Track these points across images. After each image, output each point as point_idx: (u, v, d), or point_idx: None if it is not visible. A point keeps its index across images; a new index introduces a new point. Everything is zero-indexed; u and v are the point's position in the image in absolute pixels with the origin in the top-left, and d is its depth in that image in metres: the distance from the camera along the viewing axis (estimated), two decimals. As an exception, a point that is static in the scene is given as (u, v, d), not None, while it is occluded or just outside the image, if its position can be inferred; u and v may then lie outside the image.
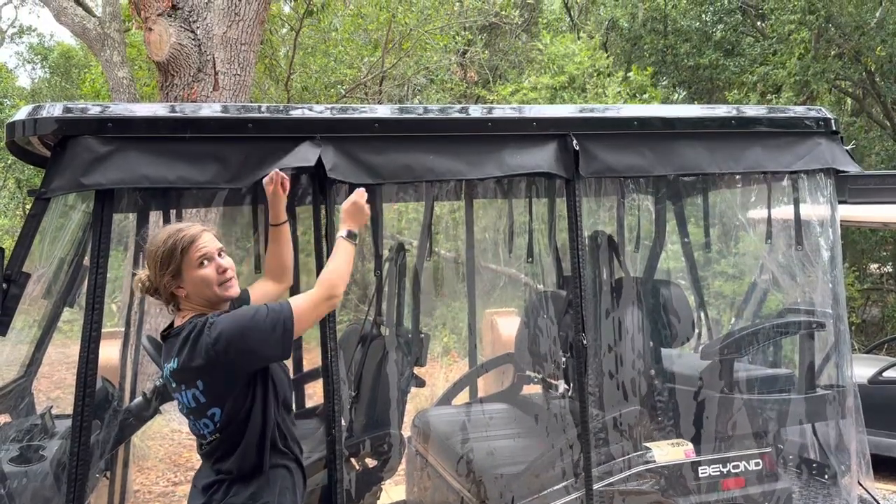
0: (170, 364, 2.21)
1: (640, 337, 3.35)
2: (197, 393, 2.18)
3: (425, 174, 2.81)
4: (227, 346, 2.11)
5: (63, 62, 22.01)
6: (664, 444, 3.20)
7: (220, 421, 2.20)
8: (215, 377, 2.17)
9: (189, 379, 2.18)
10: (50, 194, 2.50)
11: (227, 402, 2.19)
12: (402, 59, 12.06)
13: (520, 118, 2.95)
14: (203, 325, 2.15)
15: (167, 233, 2.27)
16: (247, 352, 2.14)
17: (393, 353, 3.31)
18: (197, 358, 2.13)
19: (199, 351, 2.12)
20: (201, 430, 2.25)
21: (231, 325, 2.14)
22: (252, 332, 2.14)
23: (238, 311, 2.22)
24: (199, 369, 2.14)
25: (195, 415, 2.23)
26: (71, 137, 2.51)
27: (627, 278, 3.55)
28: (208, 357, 2.12)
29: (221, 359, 2.12)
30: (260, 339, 2.15)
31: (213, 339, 2.11)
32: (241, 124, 2.66)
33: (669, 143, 3.10)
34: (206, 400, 2.18)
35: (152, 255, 2.25)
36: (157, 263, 2.23)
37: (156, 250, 2.24)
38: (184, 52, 7.29)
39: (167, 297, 2.28)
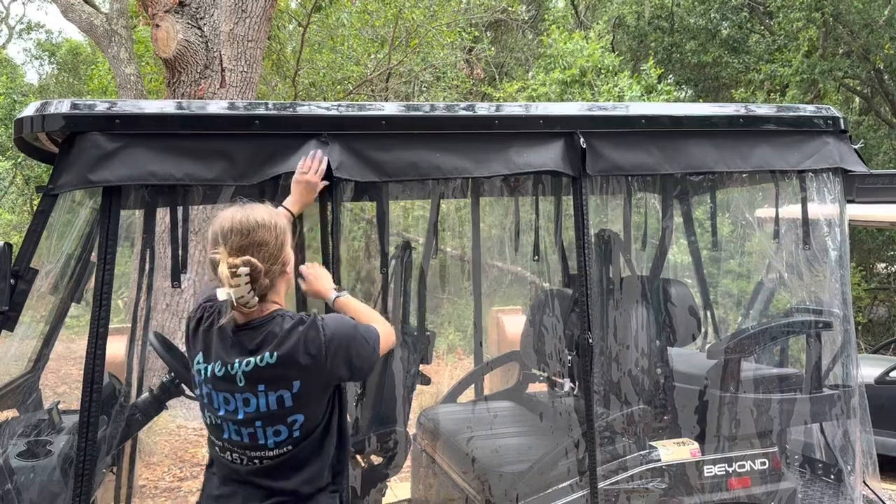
0: (250, 359, 1.99)
1: (646, 335, 3.34)
2: (287, 395, 1.98)
3: (432, 172, 2.81)
4: (338, 350, 2.02)
5: (71, 58, 22.10)
6: (670, 444, 3.20)
7: (299, 429, 2.01)
8: (314, 380, 2.01)
9: (285, 377, 1.99)
10: (58, 190, 2.50)
11: (313, 412, 2.04)
12: (408, 55, 12.05)
13: (527, 116, 2.95)
14: (313, 322, 2.02)
15: (264, 208, 2.10)
16: (348, 362, 2.05)
17: (399, 350, 3.32)
18: (305, 355, 1.98)
19: (310, 347, 1.98)
20: (265, 441, 2.01)
21: (341, 329, 2.05)
22: (357, 344, 2.07)
23: (340, 318, 2.11)
24: (303, 368, 1.98)
25: (267, 420, 1.99)
26: (79, 134, 2.52)
27: (634, 277, 3.54)
28: (319, 356, 1.99)
29: (328, 362, 2.01)
30: (361, 353, 2.08)
31: (328, 338, 2.00)
32: (249, 121, 2.67)
33: (677, 142, 3.09)
34: (292, 404, 1.99)
35: (281, 228, 2.06)
36: (280, 234, 2.05)
37: (270, 223, 2.04)
38: (191, 48, 7.32)
39: (274, 277, 2.06)
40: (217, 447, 2.11)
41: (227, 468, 2.09)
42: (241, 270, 1.94)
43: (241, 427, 2.01)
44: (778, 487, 3.23)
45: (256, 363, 1.98)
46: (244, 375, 1.99)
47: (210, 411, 2.08)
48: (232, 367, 2.00)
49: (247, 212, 2.06)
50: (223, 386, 2.02)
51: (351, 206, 8.49)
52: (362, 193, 3.71)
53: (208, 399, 2.07)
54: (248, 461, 2.04)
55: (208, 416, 2.11)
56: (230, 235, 2.01)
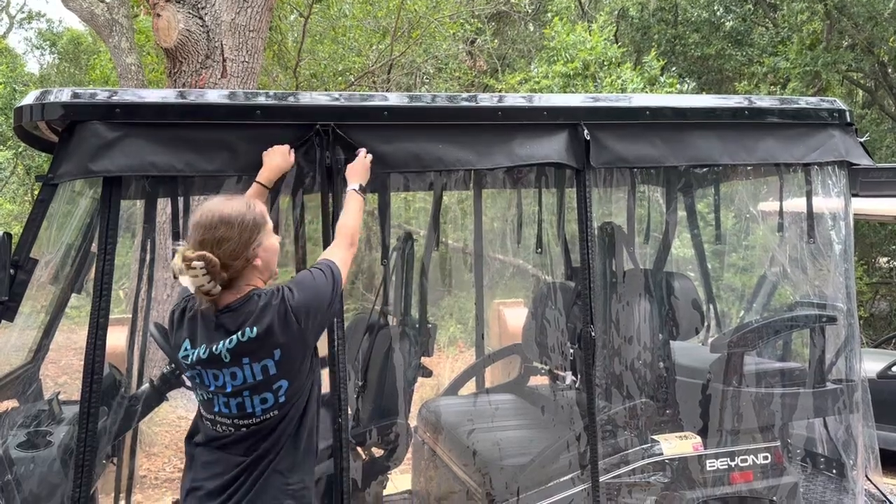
0: (232, 337, 2.11)
1: (649, 329, 3.33)
2: (270, 364, 2.12)
3: (434, 163, 2.79)
4: (308, 310, 2.15)
5: (72, 48, 22.01)
6: (672, 437, 3.19)
7: (284, 394, 2.15)
8: (295, 346, 2.15)
9: (265, 347, 2.11)
10: (58, 180, 2.49)
11: (296, 376, 2.17)
12: (410, 46, 12.00)
13: (530, 107, 2.92)
14: (283, 292, 2.14)
15: (238, 202, 2.19)
16: (321, 313, 2.21)
17: (400, 342, 3.30)
18: (280, 325, 2.10)
19: (285, 317, 2.11)
20: (252, 409, 2.13)
21: (306, 290, 2.18)
22: (321, 294, 2.20)
23: (301, 279, 2.23)
24: (281, 336, 2.11)
25: (253, 390, 2.13)
26: (79, 123, 2.50)
27: (637, 270, 3.52)
28: (294, 322, 2.12)
29: (304, 324, 2.14)
30: (328, 299, 2.22)
31: (295, 306, 2.12)
32: (250, 111, 2.64)
33: (681, 134, 3.07)
34: (277, 371, 2.12)
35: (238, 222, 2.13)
36: (245, 229, 2.13)
37: (239, 217, 2.14)
38: (192, 38, 7.26)
39: (238, 270, 2.15)
40: (208, 420, 2.23)
41: (213, 438, 2.22)
42: (195, 264, 2.06)
43: (230, 399, 2.14)
44: (780, 482, 3.22)
45: (238, 339, 2.11)
46: (228, 352, 2.12)
47: (201, 389, 2.21)
48: (216, 347, 2.12)
49: (218, 207, 2.16)
50: (210, 366, 2.15)
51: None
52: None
53: (199, 379, 2.19)
54: (235, 430, 2.17)
55: (200, 394, 2.23)
56: (195, 229, 2.15)
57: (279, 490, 2.15)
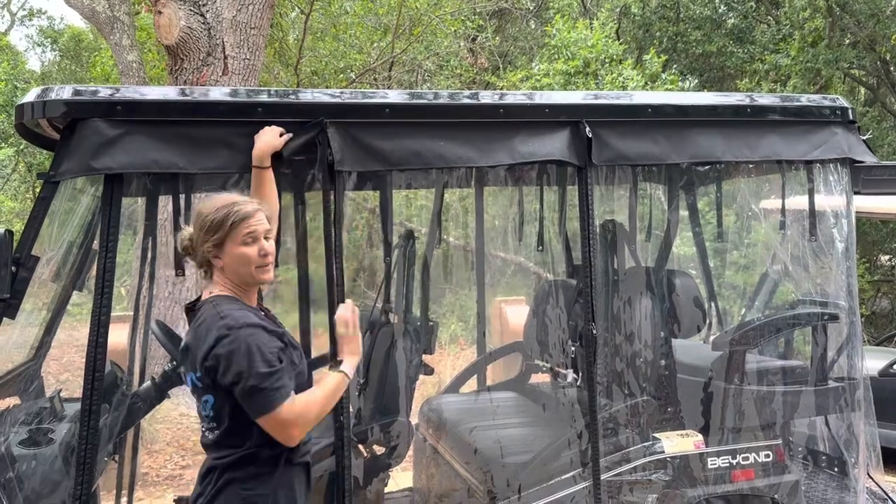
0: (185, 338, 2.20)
1: (650, 327, 3.32)
2: (194, 377, 2.14)
3: (435, 161, 2.78)
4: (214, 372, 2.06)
5: (73, 45, 21.98)
6: (673, 435, 3.19)
7: (211, 409, 2.13)
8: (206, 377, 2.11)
9: (191, 363, 2.15)
10: (59, 177, 2.48)
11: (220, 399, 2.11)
12: (411, 44, 11.99)
13: (532, 105, 2.91)
14: (219, 335, 2.05)
15: (223, 201, 2.21)
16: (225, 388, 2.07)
17: (401, 340, 3.30)
18: (199, 357, 2.08)
19: (200, 353, 2.08)
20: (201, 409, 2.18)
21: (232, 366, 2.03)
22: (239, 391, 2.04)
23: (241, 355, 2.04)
24: (189, 363, 2.15)
25: (196, 394, 2.19)
26: (80, 120, 2.50)
27: (638, 268, 3.52)
28: (208, 370, 2.08)
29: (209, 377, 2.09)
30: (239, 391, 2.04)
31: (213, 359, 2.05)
32: (251, 108, 2.64)
33: (683, 131, 3.06)
34: (200, 386, 2.13)
35: (201, 219, 2.19)
36: (203, 228, 2.18)
37: (206, 215, 2.18)
38: (193, 35, 7.25)
39: (202, 262, 2.23)
40: None
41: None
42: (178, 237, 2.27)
43: (193, 397, 2.21)
44: (782, 480, 3.22)
45: (184, 342, 2.19)
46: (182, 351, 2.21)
47: None
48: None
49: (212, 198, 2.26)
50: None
51: (353, 195, 8.46)
52: (365, 182, 3.68)
53: None
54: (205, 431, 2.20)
55: None
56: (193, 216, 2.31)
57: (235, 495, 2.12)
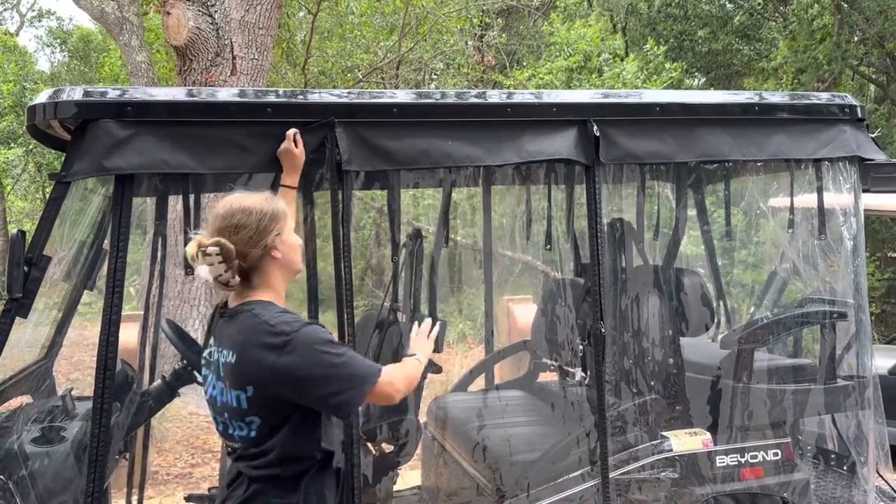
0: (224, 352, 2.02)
1: (659, 325, 3.32)
2: (243, 397, 1.97)
3: (443, 160, 2.79)
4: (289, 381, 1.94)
5: (82, 46, 22.10)
6: (682, 434, 3.19)
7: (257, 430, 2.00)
8: (266, 393, 1.97)
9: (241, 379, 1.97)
10: (70, 178, 2.50)
11: (270, 418, 1.99)
12: (418, 42, 12.00)
13: (539, 103, 2.92)
14: (283, 341, 1.93)
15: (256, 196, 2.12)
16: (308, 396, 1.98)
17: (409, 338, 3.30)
18: (255, 370, 1.94)
19: (262, 365, 1.93)
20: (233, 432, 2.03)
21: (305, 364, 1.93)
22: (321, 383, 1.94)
23: (313, 349, 1.95)
24: (254, 379, 1.96)
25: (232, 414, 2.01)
26: (91, 121, 2.51)
27: (646, 266, 3.52)
28: (267, 379, 1.94)
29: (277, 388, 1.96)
30: (326, 392, 1.95)
31: (281, 366, 1.92)
32: (260, 108, 2.65)
33: (691, 130, 3.06)
34: (248, 407, 1.98)
35: (256, 215, 2.05)
36: (263, 222, 2.05)
37: (260, 209, 2.06)
38: (202, 36, 7.28)
39: (256, 259, 2.05)
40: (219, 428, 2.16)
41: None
42: (210, 250, 1.98)
43: (216, 414, 2.08)
44: (791, 478, 3.21)
45: (227, 358, 2.01)
46: (221, 365, 2.04)
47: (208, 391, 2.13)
48: (219, 352, 2.06)
49: (238, 198, 2.11)
50: (213, 367, 2.09)
51: (360, 193, 8.47)
52: (373, 181, 3.69)
53: (206, 380, 2.15)
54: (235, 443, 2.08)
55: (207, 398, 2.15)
56: (213, 219, 2.09)
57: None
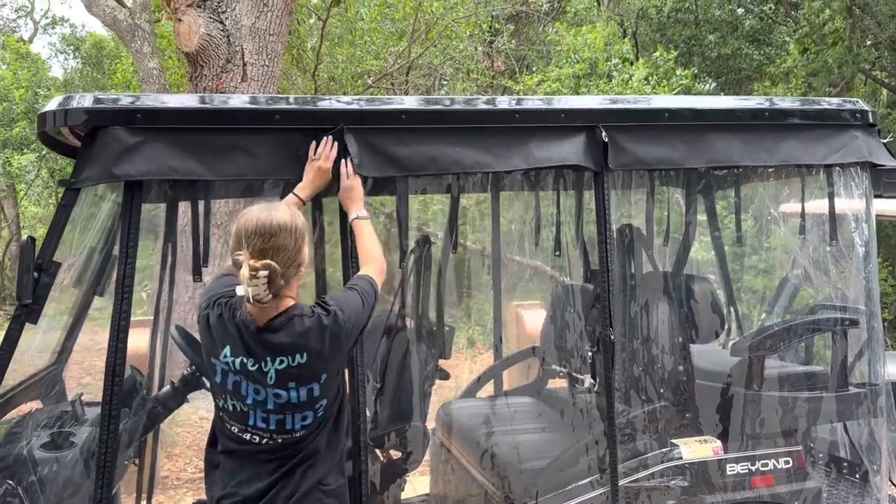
0: (281, 359, 2.11)
1: (669, 332, 3.31)
2: (315, 387, 2.15)
3: (451, 166, 2.79)
4: (352, 331, 2.20)
5: (95, 53, 22.24)
6: (692, 441, 3.17)
7: (323, 410, 2.20)
8: (337, 366, 2.22)
9: (315, 372, 2.15)
10: (80, 184, 2.51)
11: (333, 392, 2.23)
12: (427, 48, 12.01)
13: (548, 109, 2.91)
14: (334, 314, 2.16)
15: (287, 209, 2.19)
16: (358, 332, 2.27)
17: (417, 345, 3.31)
18: (331, 349, 2.14)
19: (336, 340, 2.15)
20: (292, 426, 2.15)
21: (354, 311, 2.21)
22: (362, 315, 2.25)
23: (347, 299, 2.25)
24: (329, 360, 2.16)
25: (297, 409, 2.15)
26: (101, 128, 2.53)
27: (656, 272, 3.50)
28: (340, 346, 2.16)
29: (348, 344, 2.21)
30: (366, 319, 2.28)
31: (343, 326, 2.16)
32: (269, 115, 2.66)
33: (701, 135, 3.05)
34: (320, 393, 2.17)
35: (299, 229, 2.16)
36: (303, 234, 2.17)
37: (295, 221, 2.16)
38: (213, 42, 7.31)
39: (290, 278, 2.15)
40: (235, 428, 2.20)
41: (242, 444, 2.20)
42: (260, 273, 2.03)
43: (269, 415, 2.15)
44: (803, 486, 3.18)
45: (289, 363, 2.11)
46: (276, 374, 2.12)
47: (236, 399, 2.16)
48: (265, 364, 2.12)
49: (270, 213, 2.14)
50: (253, 378, 2.14)
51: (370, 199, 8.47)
52: (381, 187, 3.69)
53: (234, 387, 2.16)
54: (269, 440, 2.17)
55: (232, 404, 2.18)
56: (253, 237, 2.10)
57: (321, 492, 2.19)
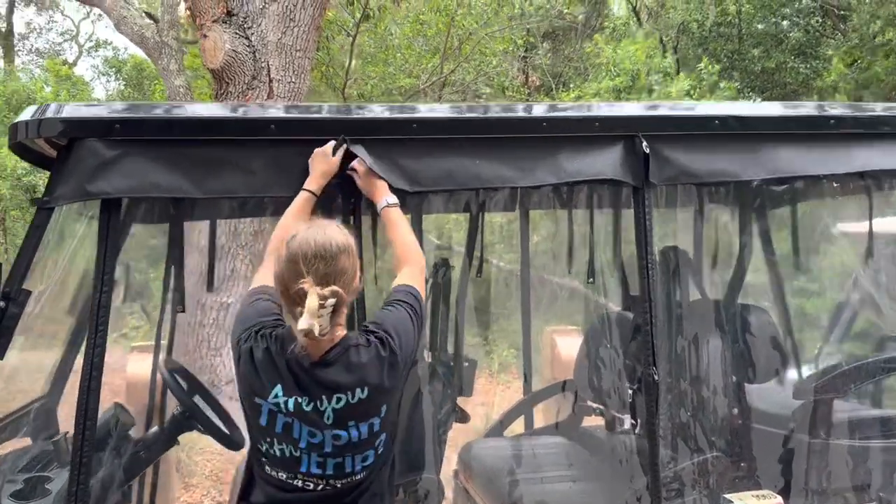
0: (339, 397, 1.91)
1: (721, 370, 2.91)
2: (376, 422, 1.97)
3: (471, 181, 2.47)
4: (409, 355, 2.03)
5: (136, 74, 22.63)
6: (748, 497, 2.76)
7: (383, 446, 2.02)
8: (396, 396, 2.04)
9: (375, 406, 1.96)
10: (53, 203, 2.27)
11: (392, 424, 2.06)
12: (460, 64, 11.78)
13: (580, 117, 2.57)
14: (389, 343, 1.97)
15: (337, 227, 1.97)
16: (413, 357, 2.09)
17: (431, 383, 2.96)
18: (390, 379, 1.96)
19: (394, 369, 1.96)
20: (352, 468, 1.96)
21: (406, 333, 2.03)
22: (414, 333, 2.07)
23: (398, 320, 2.04)
24: (389, 391, 1.97)
25: (357, 449, 1.96)
26: (76, 140, 2.28)
27: (705, 301, 3.11)
28: (399, 374, 1.99)
29: (407, 370, 2.05)
30: (419, 335, 2.11)
31: (402, 352, 1.98)
32: (263, 126, 2.37)
33: (756, 145, 2.67)
34: (380, 427, 1.98)
35: (355, 250, 1.96)
36: (355, 263, 1.96)
37: (351, 245, 1.95)
38: (238, 59, 7.19)
39: (347, 304, 1.95)
40: (283, 475, 1.97)
41: (288, 494, 1.97)
42: (328, 302, 1.83)
43: (326, 458, 1.96)
44: None
45: (348, 400, 1.92)
46: (334, 413, 1.92)
47: (286, 443, 1.94)
48: (321, 403, 1.91)
49: (326, 233, 1.92)
50: (308, 420, 1.93)
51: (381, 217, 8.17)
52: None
53: (284, 430, 1.94)
54: (323, 487, 1.97)
55: (280, 448, 1.94)
56: (315, 261, 1.87)
57: None
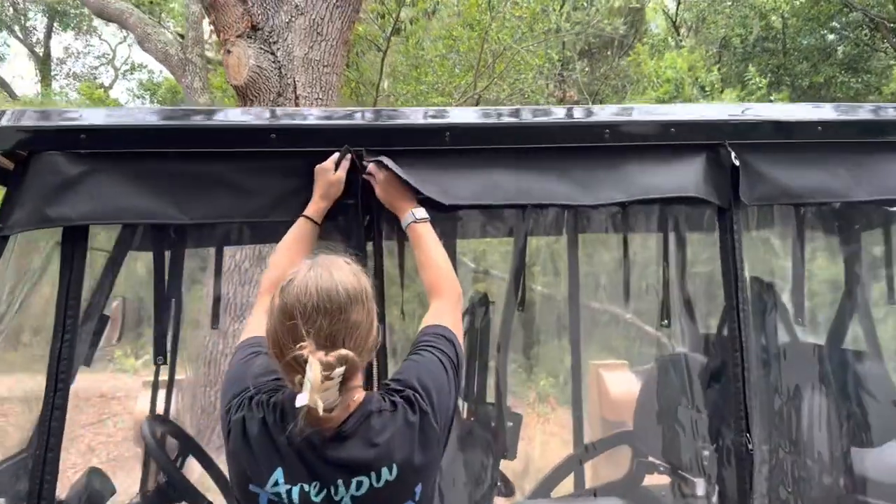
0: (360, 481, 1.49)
1: (827, 432, 2.38)
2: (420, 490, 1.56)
3: (517, 198, 2.01)
4: (445, 422, 1.61)
5: (170, 96, 22.87)
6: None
7: None
8: (434, 471, 1.62)
9: (406, 487, 1.53)
10: (7, 231, 1.91)
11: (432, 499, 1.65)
12: (494, 80, 11.37)
13: (652, 122, 2.09)
14: (418, 403, 1.55)
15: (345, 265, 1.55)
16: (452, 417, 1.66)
17: (470, 446, 2.46)
18: (423, 453, 1.54)
19: (428, 435, 1.55)
20: None
21: (440, 387, 1.61)
22: (453, 388, 1.66)
23: (428, 366, 1.63)
24: (424, 468, 1.55)
25: None
26: (35, 154, 1.87)
27: (802, 345, 2.58)
28: (438, 444, 1.59)
29: (443, 439, 1.62)
30: (455, 385, 1.67)
31: (437, 410, 1.57)
32: (262, 135, 1.94)
33: (870, 157, 2.16)
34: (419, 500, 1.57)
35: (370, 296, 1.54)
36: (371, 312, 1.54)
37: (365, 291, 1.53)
38: (263, 75, 6.90)
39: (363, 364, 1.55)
40: None
41: None
42: (335, 372, 1.41)
43: None
44: None
45: (372, 484, 1.51)
46: (353, 501, 1.51)
47: None
48: (335, 490, 1.50)
49: (332, 276, 1.50)
50: None
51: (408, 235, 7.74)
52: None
53: None
54: None
55: None
56: (316, 317, 1.45)
57: None
